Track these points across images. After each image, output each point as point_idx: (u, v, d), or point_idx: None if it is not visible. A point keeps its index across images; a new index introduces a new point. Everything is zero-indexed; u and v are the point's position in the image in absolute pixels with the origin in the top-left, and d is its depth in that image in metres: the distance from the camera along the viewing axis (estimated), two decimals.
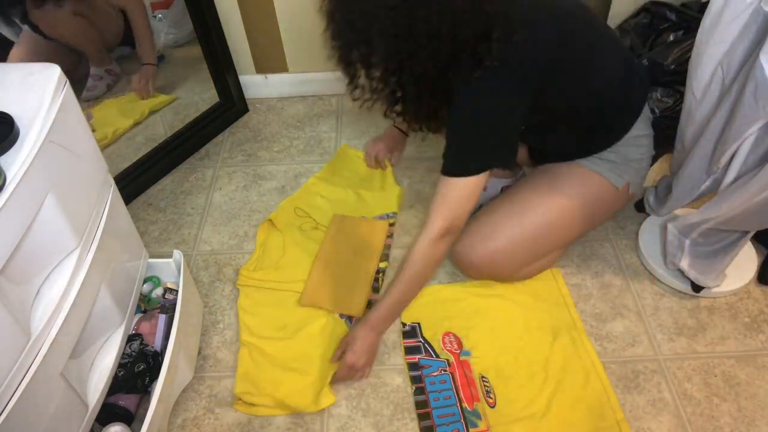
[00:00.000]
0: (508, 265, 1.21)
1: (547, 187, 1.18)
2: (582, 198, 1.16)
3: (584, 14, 1.08)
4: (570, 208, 1.16)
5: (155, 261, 1.16)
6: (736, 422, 1.07)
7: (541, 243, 1.21)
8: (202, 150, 1.72)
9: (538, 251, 1.23)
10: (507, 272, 1.24)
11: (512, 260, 1.20)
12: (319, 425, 1.09)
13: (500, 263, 1.20)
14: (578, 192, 1.16)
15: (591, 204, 1.18)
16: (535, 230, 1.17)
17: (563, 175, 1.19)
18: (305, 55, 1.79)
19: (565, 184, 1.17)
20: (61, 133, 0.78)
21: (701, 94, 1.06)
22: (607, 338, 1.20)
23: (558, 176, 1.19)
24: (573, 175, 1.18)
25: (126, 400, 1.03)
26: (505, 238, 1.16)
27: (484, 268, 1.21)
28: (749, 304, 1.25)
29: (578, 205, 1.16)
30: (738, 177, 1.06)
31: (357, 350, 1.10)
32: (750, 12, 0.92)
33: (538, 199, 1.18)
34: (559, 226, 1.18)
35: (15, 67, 0.84)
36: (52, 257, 0.82)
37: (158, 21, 1.69)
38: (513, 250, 1.18)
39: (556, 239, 1.23)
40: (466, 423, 1.06)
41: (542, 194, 1.18)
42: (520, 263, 1.23)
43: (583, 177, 1.17)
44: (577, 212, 1.17)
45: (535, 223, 1.16)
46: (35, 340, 0.74)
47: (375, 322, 1.12)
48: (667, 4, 1.57)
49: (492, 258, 1.18)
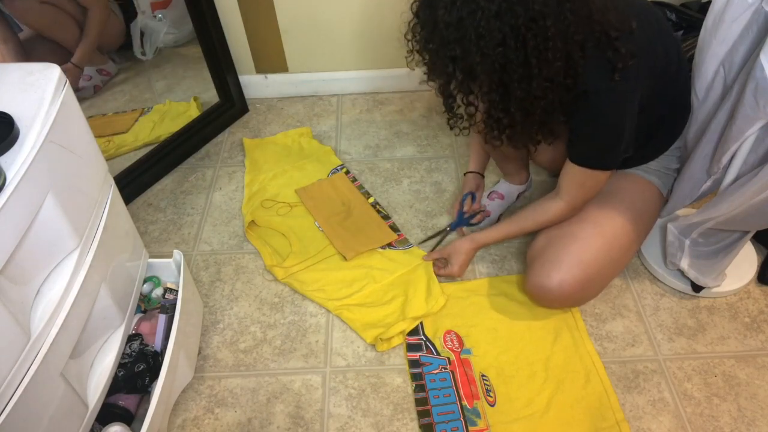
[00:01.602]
0: (594, 291, 1.18)
1: (617, 201, 1.14)
2: (645, 207, 1.16)
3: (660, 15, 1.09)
4: (638, 220, 1.14)
5: (155, 261, 1.16)
6: (736, 422, 1.07)
7: (622, 262, 1.17)
8: (202, 150, 1.72)
9: (617, 271, 1.19)
10: (590, 297, 1.20)
11: (598, 284, 1.16)
12: (319, 425, 1.09)
13: (588, 289, 1.14)
14: (641, 202, 1.15)
15: (650, 213, 1.18)
16: (619, 249, 1.13)
17: (623, 186, 1.16)
18: (305, 55, 1.79)
19: (628, 196, 1.15)
20: (61, 133, 0.78)
21: (704, 94, 1.06)
22: (607, 338, 1.20)
23: (619, 189, 1.16)
24: (632, 185, 1.16)
25: (126, 400, 1.02)
26: (593, 262, 1.10)
27: (570, 297, 1.13)
28: (749, 304, 1.25)
29: (644, 216, 1.15)
30: (738, 177, 1.06)
31: (462, 263, 1.27)
32: (751, 12, 0.92)
33: (613, 214, 1.13)
34: (633, 240, 1.15)
35: (15, 67, 0.84)
36: (52, 257, 0.82)
37: (158, 21, 1.69)
38: (599, 273, 1.12)
39: (631, 255, 1.19)
40: (465, 421, 1.06)
41: (614, 209, 1.13)
42: (602, 286, 1.19)
43: (641, 186, 1.16)
44: (643, 224, 1.16)
45: (618, 241, 1.12)
46: (35, 340, 0.74)
47: (481, 242, 1.26)
48: (667, 4, 1.57)
49: (580, 285, 1.11)
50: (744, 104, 0.93)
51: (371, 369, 1.17)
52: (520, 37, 0.84)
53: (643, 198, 1.16)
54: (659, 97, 1.05)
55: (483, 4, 0.82)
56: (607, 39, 0.90)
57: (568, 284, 1.10)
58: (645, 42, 0.95)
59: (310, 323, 1.26)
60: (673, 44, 1.05)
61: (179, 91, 1.76)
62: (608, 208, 1.14)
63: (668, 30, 1.07)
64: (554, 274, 1.10)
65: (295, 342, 1.22)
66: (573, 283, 1.10)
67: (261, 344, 1.22)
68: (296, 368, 1.18)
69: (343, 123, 1.78)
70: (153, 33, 1.69)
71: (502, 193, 1.44)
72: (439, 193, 1.53)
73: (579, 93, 0.94)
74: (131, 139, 1.63)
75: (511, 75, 0.88)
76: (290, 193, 1.54)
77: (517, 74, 0.88)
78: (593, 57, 0.91)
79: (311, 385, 1.15)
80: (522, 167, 1.42)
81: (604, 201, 1.15)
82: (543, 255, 1.14)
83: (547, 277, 1.11)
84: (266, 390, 1.15)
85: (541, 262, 1.14)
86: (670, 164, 1.18)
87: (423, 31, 0.92)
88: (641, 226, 1.15)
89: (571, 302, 1.20)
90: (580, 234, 1.12)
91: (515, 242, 1.40)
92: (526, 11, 0.82)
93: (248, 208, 1.50)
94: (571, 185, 1.10)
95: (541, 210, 1.17)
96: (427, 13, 0.89)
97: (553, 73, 0.88)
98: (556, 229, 1.16)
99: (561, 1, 0.84)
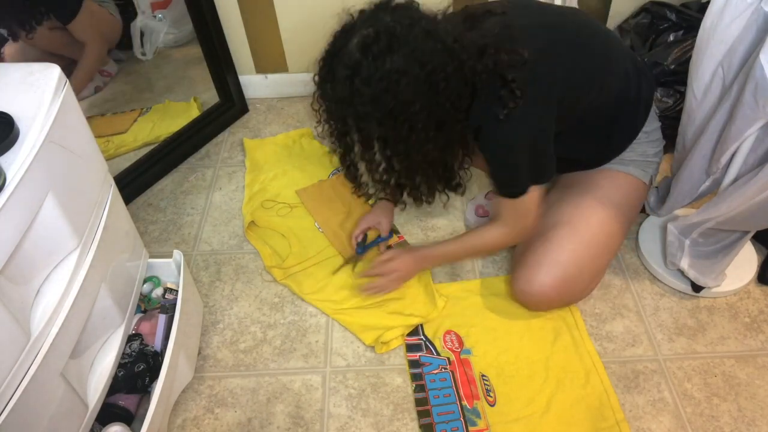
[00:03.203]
0: (579, 289, 1.18)
1: (591, 198, 1.15)
2: (624, 200, 1.16)
3: (583, 19, 1.09)
4: (617, 213, 1.14)
5: (155, 261, 1.16)
6: (736, 422, 1.07)
7: (603, 257, 1.17)
8: (202, 150, 1.72)
9: (601, 266, 1.19)
10: (577, 296, 1.21)
11: (581, 282, 1.16)
12: (319, 425, 1.09)
13: (571, 289, 1.15)
14: (619, 195, 1.15)
15: (631, 204, 1.18)
16: (597, 245, 1.13)
17: (598, 183, 1.16)
18: (305, 55, 1.79)
19: (604, 191, 1.15)
20: (61, 133, 0.78)
21: (702, 94, 1.06)
22: (607, 338, 1.20)
23: (594, 185, 1.16)
24: (607, 181, 1.16)
25: (126, 400, 1.02)
26: (570, 262, 1.11)
27: (554, 298, 1.15)
28: (749, 304, 1.25)
29: (623, 208, 1.15)
30: (738, 177, 1.06)
31: (396, 278, 1.24)
32: (750, 12, 0.92)
33: (588, 212, 1.14)
34: (614, 234, 1.15)
35: (15, 66, 0.84)
36: (52, 257, 0.82)
37: (158, 21, 1.69)
38: (579, 272, 1.13)
39: (614, 249, 1.19)
40: (465, 421, 1.07)
41: (589, 207, 1.14)
42: (588, 283, 1.19)
43: (617, 180, 1.16)
44: (624, 216, 1.16)
45: (595, 238, 1.12)
46: (35, 340, 0.74)
47: (422, 261, 1.25)
48: (667, 4, 1.57)
49: (562, 286, 1.12)
50: (743, 104, 0.93)
51: (371, 369, 1.17)
52: (393, 119, 0.90)
53: (620, 191, 1.16)
54: (592, 108, 1.07)
55: (361, 90, 0.88)
56: (503, 80, 0.93)
57: (549, 286, 1.11)
58: (538, 72, 0.96)
59: (310, 323, 1.26)
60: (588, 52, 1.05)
61: (179, 91, 1.76)
62: (582, 206, 1.15)
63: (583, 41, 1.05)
64: (534, 279, 1.12)
65: (295, 342, 1.22)
66: (554, 285, 1.11)
67: (261, 344, 1.22)
68: (296, 368, 1.18)
69: None
70: (153, 33, 1.69)
71: None
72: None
73: (474, 128, 0.99)
74: (131, 139, 1.63)
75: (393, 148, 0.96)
76: (291, 194, 1.53)
77: (399, 149, 0.96)
78: (485, 96, 0.95)
79: (311, 385, 1.15)
80: None
81: (578, 201, 1.16)
82: (522, 260, 1.16)
83: (528, 282, 1.13)
84: (266, 390, 1.15)
85: (521, 268, 1.15)
86: (647, 150, 1.16)
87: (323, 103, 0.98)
88: (621, 217, 1.15)
89: (560, 302, 1.20)
90: (554, 236, 1.13)
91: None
92: (396, 98, 0.88)
93: (248, 209, 1.50)
94: (501, 209, 1.12)
95: (480, 234, 1.17)
96: (321, 87, 0.95)
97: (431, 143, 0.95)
98: (535, 233, 1.16)
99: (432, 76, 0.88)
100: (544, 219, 1.15)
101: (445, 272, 1.34)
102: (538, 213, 1.11)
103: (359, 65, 0.87)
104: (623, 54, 1.12)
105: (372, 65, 0.86)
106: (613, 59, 1.08)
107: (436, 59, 0.88)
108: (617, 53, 1.10)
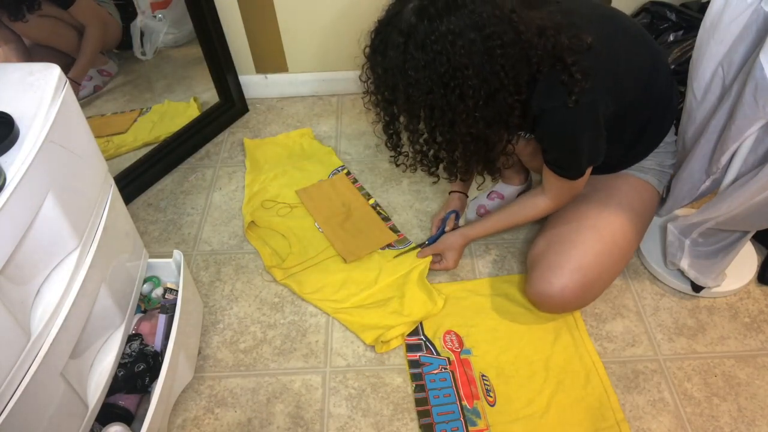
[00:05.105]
0: (594, 294, 1.17)
1: (615, 204, 1.14)
2: (643, 207, 1.16)
3: (628, 16, 1.10)
4: (637, 221, 1.14)
5: (155, 261, 1.16)
6: (736, 422, 1.07)
7: (621, 263, 1.16)
8: (202, 150, 1.72)
9: (618, 272, 1.18)
10: (590, 300, 1.19)
11: (598, 287, 1.15)
12: (319, 425, 1.09)
13: (589, 293, 1.14)
14: (639, 202, 1.16)
15: (648, 213, 1.18)
16: (619, 252, 1.13)
17: (620, 188, 1.16)
18: (305, 55, 1.79)
19: (627, 198, 1.15)
20: (61, 133, 0.78)
21: (702, 94, 1.06)
22: (607, 338, 1.20)
23: (616, 191, 1.16)
24: (629, 187, 1.16)
25: (126, 400, 1.02)
26: (593, 266, 1.10)
27: (572, 302, 1.14)
28: (749, 304, 1.25)
29: (642, 216, 1.16)
30: (738, 177, 1.06)
31: (455, 257, 1.31)
32: (750, 12, 0.92)
33: (612, 218, 1.13)
34: (632, 241, 1.15)
35: (15, 66, 0.84)
36: (52, 257, 0.82)
37: (158, 21, 1.69)
38: (599, 277, 1.12)
39: (630, 256, 1.19)
40: (465, 421, 1.07)
41: (613, 213, 1.13)
42: (606, 286, 1.18)
43: (638, 187, 1.17)
44: (642, 223, 1.16)
45: (617, 244, 1.12)
46: (35, 340, 0.74)
47: (471, 237, 1.31)
48: (667, 4, 1.57)
49: (581, 290, 1.11)
50: (743, 104, 0.93)
51: (371, 369, 1.17)
52: (444, 85, 0.89)
53: (641, 198, 1.16)
54: (634, 106, 1.06)
55: (415, 54, 0.87)
56: (563, 64, 0.92)
57: (569, 290, 1.10)
58: (603, 60, 0.96)
59: (310, 323, 1.26)
60: (643, 48, 1.06)
61: (179, 91, 1.76)
62: (606, 211, 1.14)
63: (636, 35, 1.06)
64: (555, 281, 1.11)
65: (295, 342, 1.22)
66: (574, 288, 1.10)
67: (261, 344, 1.22)
68: (296, 368, 1.18)
69: (343, 123, 1.78)
70: (153, 33, 1.69)
71: (501, 193, 1.44)
72: (439, 193, 1.53)
73: (536, 114, 0.98)
74: (130, 139, 1.63)
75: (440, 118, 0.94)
76: (291, 194, 1.53)
77: (445, 119, 0.94)
78: (547, 80, 0.94)
79: (311, 385, 1.15)
80: (520, 170, 1.42)
81: (602, 204, 1.15)
82: (543, 261, 1.15)
83: (549, 284, 1.12)
84: (266, 390, 1.15)
85: (541, 269, 1.14)
86: (664, 161, 1.18)
87: (372, 74, 0.97)
88: (639, 226, 1.16)
89: (573, 306, 1.20)
90: (578, 239, 1.12)
91: (516, 243, 1.40)
92: (450, 61, 0.86)
93: (248, 209, 1.50)
94: (552, 186, 1.14)
95: (529, 205, 1.20)
96: (371, 57, 0.95)
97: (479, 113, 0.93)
98: (555, 234, 1.17)
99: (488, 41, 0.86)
100: (566, 220, 1.16)
101: (445, 272, 1.34)
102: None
103: (414, 29, 0.86)
104: (665, 57, 1.12)
105: (428, 28, 0.85)
106: (659, 59, 1.08)
107: (493, 24, 0.86)
108: (662, 54, 1.10)
